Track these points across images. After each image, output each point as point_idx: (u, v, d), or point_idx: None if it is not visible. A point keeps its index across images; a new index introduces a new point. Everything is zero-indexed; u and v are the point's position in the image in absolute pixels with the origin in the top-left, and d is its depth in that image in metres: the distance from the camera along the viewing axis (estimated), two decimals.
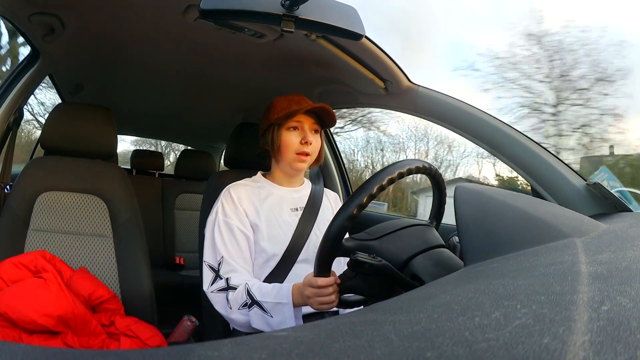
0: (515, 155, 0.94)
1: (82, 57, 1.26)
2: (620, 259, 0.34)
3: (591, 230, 0.49)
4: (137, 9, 0.93)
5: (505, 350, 0.19)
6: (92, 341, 0.91)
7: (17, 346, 0.21)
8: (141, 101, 1.87)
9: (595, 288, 0.26)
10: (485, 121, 0.98)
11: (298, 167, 0.95)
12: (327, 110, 0.94)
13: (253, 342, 0.21)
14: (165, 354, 0.21)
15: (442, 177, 0.74)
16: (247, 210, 0.93)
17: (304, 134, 0.93)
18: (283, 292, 0.79)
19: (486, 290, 0.28)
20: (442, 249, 0.67)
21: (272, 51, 1.07)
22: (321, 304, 0.71)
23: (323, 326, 0.24)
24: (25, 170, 1.12)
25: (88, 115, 1.16)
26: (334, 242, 0.64)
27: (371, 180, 0.63)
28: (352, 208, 0.62)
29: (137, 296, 1.09)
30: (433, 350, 0.19)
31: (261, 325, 0.80)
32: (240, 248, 0.90)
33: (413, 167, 0.66)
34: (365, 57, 1.01)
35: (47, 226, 1.09)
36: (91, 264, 1.09)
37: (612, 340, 0.19)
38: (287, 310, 0.78)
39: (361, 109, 6.34)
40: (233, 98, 1.61)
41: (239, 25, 0.92)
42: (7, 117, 1.16)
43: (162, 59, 1.26)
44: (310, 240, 0.94)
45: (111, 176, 1.18)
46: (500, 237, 0.44)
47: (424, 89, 1.08)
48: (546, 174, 0.90)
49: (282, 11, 0.63)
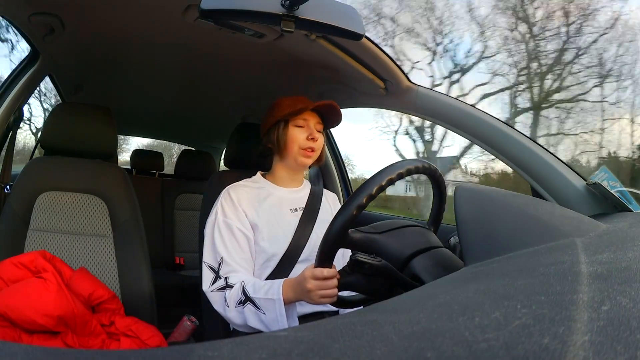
0: (515, 155, 0.94)
1: (82, 57, 1.26)
2: (620, 259, 0.34)
3: (591, 230, 0.49)
4: (137, 9, 0.93)
5: (505, 350, 0.19)
6: (92, 341, 0.91)
7: (17, 346, 0.21)
8: (141, 101, 1.87)
9: (595, 288, 0.26)
10: (485, 121, 0.98)
11: (303, 162, 0.95)
12: (332, 110, 0.95)
13: (253, 342, 0.21)
14: (165, 354, 0.21)
15: (442, 177, 0.74)
16: (247, 211, 0.93)
17: (310, 131, 0.94)
18: (274, 289, 0.79)
19: (486, 290, 0.28)
20: (442, 249, 0.67)
21: (272, 51, 1.07)
22: (323, 297, 0.71)
23: (323, 326, 0.24)
24: (25, 170, 1.12)
25: (88, 115, 1.16)
26: (340, 233, 0.64)
27: (381, 173, 0.64)
28: (361, 198, 0.62)
29: (137, 296, 1.09)
30: (433, 350, 0.19)
31: (255, 322, 0.80)
32: (240, 248, 0.90)
33: (420, 165, 0.67)
34: (365, 57, 1.01)
35: (47, 226, 1.09)
36: (91, 264, 1.09)
37: (612, 340, 0.19)
38: (277, 306, 0.77)
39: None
40: (233, 98, 1.61)
41: (239, 25, 0.92)
42: (7, 117, 1.16)
43: (162, 59, 1.26)
44: (310, 241, 0.94)
45: (111, 176, 1.17)
46: (500, 237, 0.44)
47: (424, 89, 1.08)
48: (546, 174, 0.90)
49: (282, 11, 0.63)
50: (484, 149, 0.99)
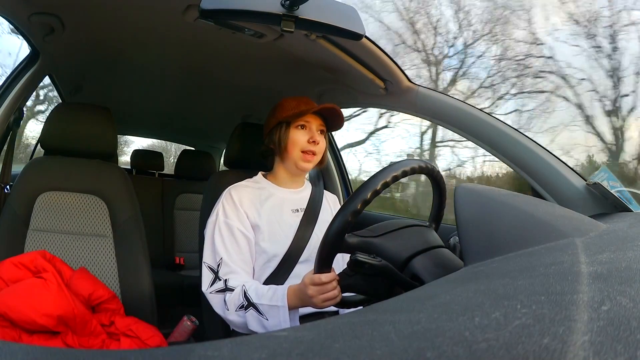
0: (515, 155, 0.94)
1: (82, 57, 1.26)
2: (620, 259, 0.34)
3: (591, 230, 0.49)
4: (137, 9, 0.93)
5: (505, 350, 0.19)
6: (92, 341, 0.91)
7: (17, 346, 0.21)
8: (141, 101, 1.87)
9: (595, 288, 0.26)
10: (485, 121, 0.98)
11: (303, 166, 0.95)
12: (335, 113, 0.95)
13: (253, 342, 0.21)
14: (165, 354, 0.21)
15: (442, 177, 0.74)
16: (248, 212, 0.93)
17: (311, 134, 0.94)
18: (278, 295, 0.79)
19: (486, 290, 0.28)
20: (442, 249, 0.67)
21: (272, 51, 1.07)
22: (325, 301, 0.71)
23: (323, 326, 0.24)
24: (25, 170, 1.12)
25: (88, 115, 1.16)
26: (337, 238, 0.64)
27: (376, 177, 0.63)
28: (356, 203, 0.62)
29: (137, 296, 1.09)
30: (433, 350, 0.19)
31: (257, 327, 0.80)
32: (240, 249, 0.90)
33: (416, 166, 0.67)
34: (365, 57, 1.01)
35: (47, 226, 1.09)
36: (91, 264, 1.09)
37: (612, 340, 0.19)
38: (282, 313, 0.77)
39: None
40: (233, 98, 1.61)
41: (239, 25, 0.92)
42: (7, 117, 1.16)
43: (162, 59, 1.26)
44: (311, 241, 0.94)
45: (111, 176, 1.17)
46: (500, 237, 0.44)
47: (424, 89, 1.08)
48: (546, 174, 0.90)
49: (282, 11, 0.63)
50: (484, 149, 0.99)
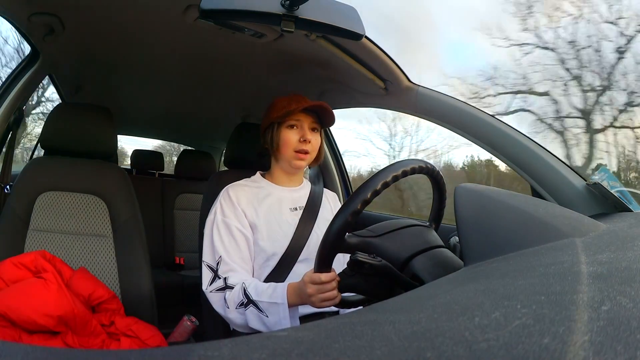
0: (515, 155, 0.94)
1: (82, 57, 1.26)
2: (620, 259, 0.34)
3: (591, 230, 0.49)
4: (137, 9, 0.93)
5: (505, 350, 0.19)
6: (92, 341, 0.91)
7: (17, 346, 0.21)
8: (141, 101, 1.87)
9: (595, 288, 0.26)
10: (485, 121, 0.98)
11: (297, 165, 0.95)
12: (325, 109, 0.94)
13: (253, 342, 0.21)
14: (165, 354, 0.21)
15: (442, 177, 0.74)
16: (246, 211, 0.93)
17: (302, 132, 0.94)
18: (278, 292, 0.79)
19: (486, 290, 0.28)
20: (442, 249, 0.67)
21: (272, 51, 1.07)
22: (324, 301, 0.71)
23: (323, 326, 0.24)
24: (25, 170, 1.12)
25: (88, 115, 1.16)
26: (337, 238, 0.64)
27: (376, 177, 0.63)
28: (356, 203, 0.62)
29: (137, 296, 1.09)
30: (433, 350, 0.19)
31: (257, 324, 0.80)
32: (239, 248, 0.90)
33: (416, 166, 0.67)
34: (365, 57, 1.01)
35: (47, 226, 1.09)
36: (91, 264, 1.09)
37: (612, 340, 0.19)
38: (282, 310, 0.77)
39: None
40: (233, 98, 1.61)
41: (239, 25, 0.92)
42: (7, 117, 1.16)
43: (162, 59, 1.26)
44: (311, 240, 0.94)
45: (111, 176, 1.18)
46: (500, 237, 0.44)
47: (424, 89, 1.08)
48: (546, 174, 0.90)
49: (282, 11, 0.63)
50: (484, 149, 0.99)
